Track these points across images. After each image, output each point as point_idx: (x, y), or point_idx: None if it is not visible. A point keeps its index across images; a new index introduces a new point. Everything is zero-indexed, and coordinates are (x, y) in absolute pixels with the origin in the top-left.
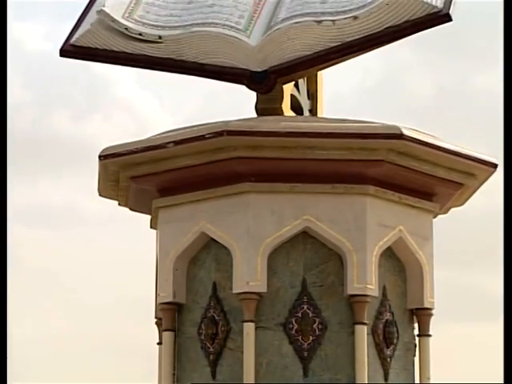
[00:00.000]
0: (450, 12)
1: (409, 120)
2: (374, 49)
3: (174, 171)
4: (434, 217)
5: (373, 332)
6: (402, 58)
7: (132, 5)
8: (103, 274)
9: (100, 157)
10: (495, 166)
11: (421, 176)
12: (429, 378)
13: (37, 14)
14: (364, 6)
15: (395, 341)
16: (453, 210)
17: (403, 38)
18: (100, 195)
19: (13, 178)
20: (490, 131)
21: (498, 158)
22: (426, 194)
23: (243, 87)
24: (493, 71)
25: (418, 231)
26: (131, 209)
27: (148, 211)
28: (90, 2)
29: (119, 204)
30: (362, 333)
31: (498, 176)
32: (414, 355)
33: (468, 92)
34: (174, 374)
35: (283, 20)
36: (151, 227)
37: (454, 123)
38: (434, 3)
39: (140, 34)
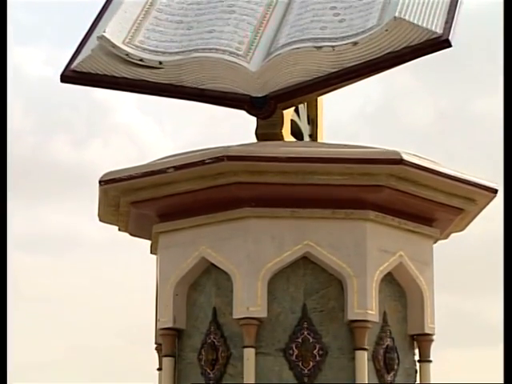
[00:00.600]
0: (450, 38)
1: (409, 145)
2: (373, 74)
3: (174, 196)
4: (435, 242)
5: (373, 358)
6: (402, 83)
7: (133, 31)
8: (103, 299)
9: (100, 182)
10: (495, 191)
11: (421, 201)
12: None
13: (37, 39)
14: (364, 32)
15: (396, 367)
16: (453, 235)
17: (403, 63)
18: (100, 220)
19: (12, 203)
20: (490, 156)
21: (498, 184)
22: (427, 220)
23: (243, 112)
24: (493, 96)
25: (419, 256)
26: (131, 234)
27: (148, 236)
28: (90, 28)
29: (119, 229)
30: (363, 358)
31: (498, 201)
32: (415, 381)
33: (468, 117)
34: None
35: (283, 46)
36: (151, 252)
37: (453, 148)
38: (433, 29)
39: (141, 60)
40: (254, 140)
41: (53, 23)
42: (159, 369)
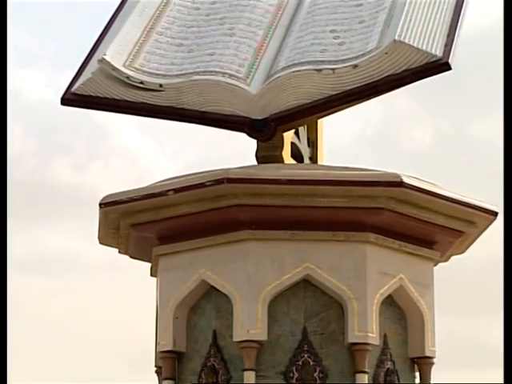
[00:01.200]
0: (450, 61)
1: (408, 167)
2: (373, 97)
3: (174, 219)
4: (435, 265)
5: (374, 381)
6: (401, 105)
7: (133, 53)
8: (103, 321)
9: (100, 204)
10: (495, 214)
11: (421, 224)
12: None
13: (37, 63)
14: (364, 55)
15: None
16: (453, 257)
17: (403, 86)
18: (100, 243)
19: (12, 225)
20: (490, 179)
21: (498, 206)
22: (427, 242)
23: (244, 135)
24: (492, 119)
25: (419, 279)
26: (131, 256)
27: (148, 259)
28: (91, 51)
29: (119, 252)
30: (363, 381)
31: (498, 224)
32: None
33: (467, 139)
34: None
35: (283, 68)
36: (151, 275)
37: (453, 171)
38: (433, 52)
39: (141, 83)
40: (255, 162)
41: (53, 46)
42: None
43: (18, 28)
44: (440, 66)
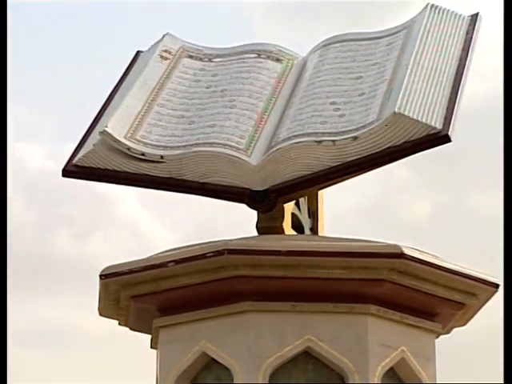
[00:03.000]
0: (450, 133)
1: (408, 239)
2: (373, 169)
3: (174, 290)
4: (437, 337)
5: None
6: (400, 177)
7: (135, 125)
8: None
9: (101, 276)
10: (497, 285)
11: (422, 295)
12: None
13: (38, 135)
14: (364, 127)
15: None
16: (455, 329)
17: (403, 158)
18: (100, 315)
19: (13, 297)
20: (490, 250)
21: (499, 277)
22: (428, 314)
23: (244, 206)
24: (492, 190)
25: (421, 352)
26: (131, 328)
27: (148, 331)
28: (92, 123)
29: (119, 323)
30: None
31: (499, 296)
32: None
33: (466, 211)
34: None
35: (284, 140)
36: (152, 347)
37: (452, 242)
38: (433, 124)
39: (142, 154)
40: (255, 233)
41: (53, 120)
42: None
43: (17, 103)
44: (440, 138)
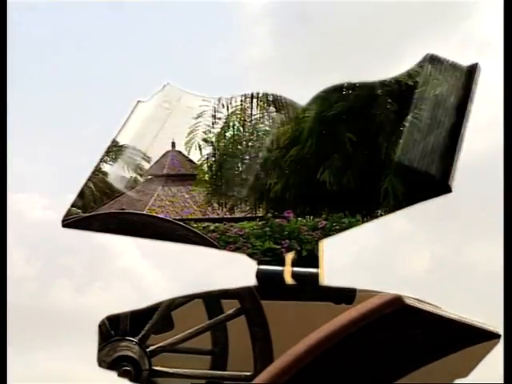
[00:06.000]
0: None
1: (408, 290)
2: None
3: None
4: None
5: None
6: (398, 229)
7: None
8: None
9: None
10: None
11: None
12: None
13: (37, 186)
14: None
15: None
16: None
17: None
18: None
19: (12, 351)
20: (490, 301)
21: (499, 328)
22: None
23: (242, 257)
24: (492, 241)
25: None
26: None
27: None
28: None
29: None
30: None
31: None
32: None
33: (466, 262)
34: None
35: None
36: None
37: (452, 294)
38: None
39: None
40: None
41: (53, 172)
42: None
43: (16, 156)
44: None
